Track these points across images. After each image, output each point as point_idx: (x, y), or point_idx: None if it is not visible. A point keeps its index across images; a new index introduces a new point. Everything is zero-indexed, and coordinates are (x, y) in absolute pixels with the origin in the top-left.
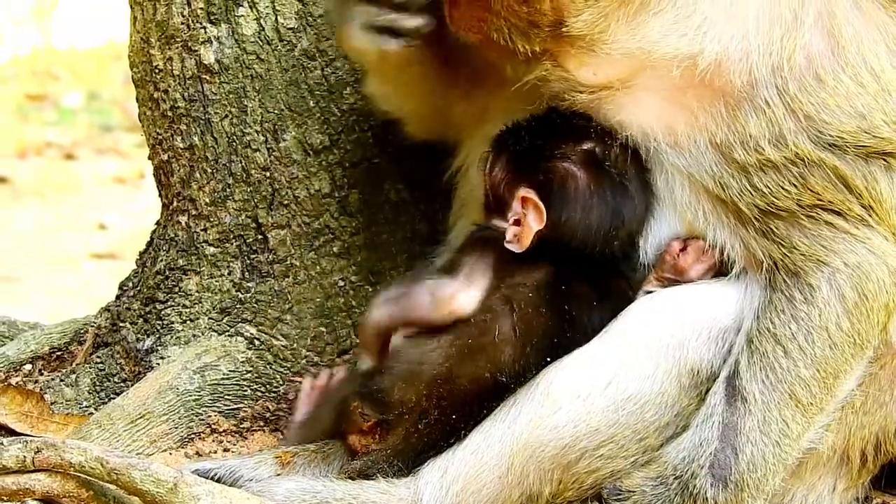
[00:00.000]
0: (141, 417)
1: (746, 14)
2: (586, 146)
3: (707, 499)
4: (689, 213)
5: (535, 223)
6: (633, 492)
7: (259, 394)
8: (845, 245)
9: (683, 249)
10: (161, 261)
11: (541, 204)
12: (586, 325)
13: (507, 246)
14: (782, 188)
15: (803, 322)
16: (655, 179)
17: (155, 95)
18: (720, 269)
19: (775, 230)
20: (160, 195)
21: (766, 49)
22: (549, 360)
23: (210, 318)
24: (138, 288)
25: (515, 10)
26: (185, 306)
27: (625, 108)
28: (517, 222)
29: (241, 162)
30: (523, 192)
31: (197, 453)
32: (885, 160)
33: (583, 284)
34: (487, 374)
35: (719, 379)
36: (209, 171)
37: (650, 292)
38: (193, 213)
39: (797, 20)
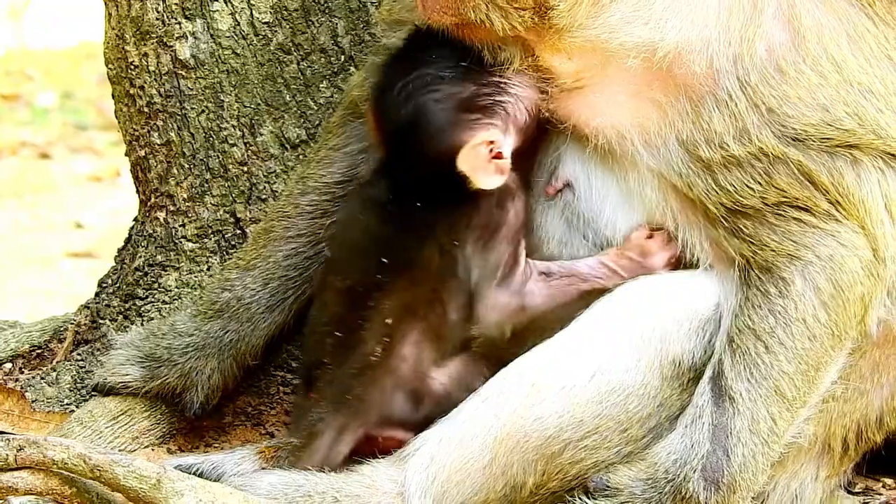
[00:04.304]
0: (123, 414)
1: (707, 2)
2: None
3: (700, 502)
4: (658, 213)
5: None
6: (621, 490)
7: (240, 389)
8: (815, 239)
9: (650, 237)
10: (140, 257)
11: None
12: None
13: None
14: (747, 186)
15: (780, 315)
16: (629, 179)
17: (131, 92)
18: (685, 264)
19: (743, 228)
20: (138, 192)
21: (725, 38)
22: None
23: None
24: (118, 285)
25: None
26: (164, 302)
27: (599, 110)
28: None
29: (218, 157)
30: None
31: (179, 449)
32: (850, 154)
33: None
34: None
35: (704, 379)
36: (186, 166)
37: (605, 264)
38: (171, 208)
39: (756, 9)
